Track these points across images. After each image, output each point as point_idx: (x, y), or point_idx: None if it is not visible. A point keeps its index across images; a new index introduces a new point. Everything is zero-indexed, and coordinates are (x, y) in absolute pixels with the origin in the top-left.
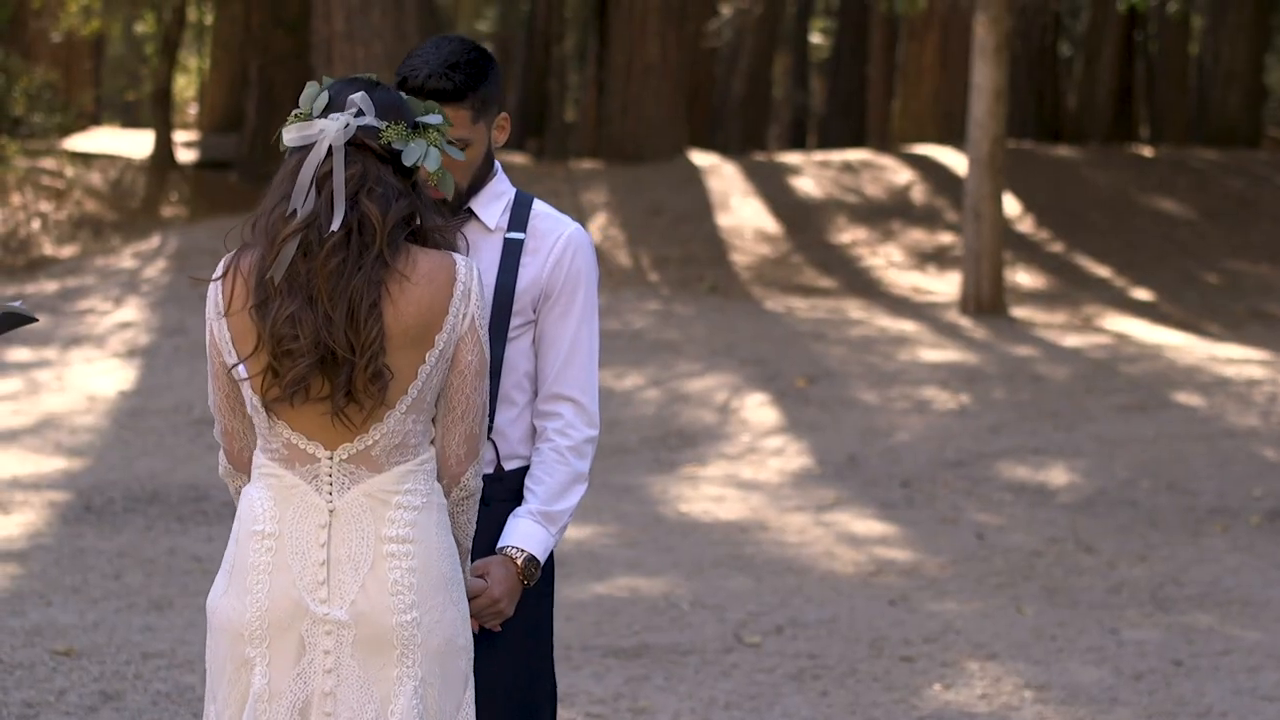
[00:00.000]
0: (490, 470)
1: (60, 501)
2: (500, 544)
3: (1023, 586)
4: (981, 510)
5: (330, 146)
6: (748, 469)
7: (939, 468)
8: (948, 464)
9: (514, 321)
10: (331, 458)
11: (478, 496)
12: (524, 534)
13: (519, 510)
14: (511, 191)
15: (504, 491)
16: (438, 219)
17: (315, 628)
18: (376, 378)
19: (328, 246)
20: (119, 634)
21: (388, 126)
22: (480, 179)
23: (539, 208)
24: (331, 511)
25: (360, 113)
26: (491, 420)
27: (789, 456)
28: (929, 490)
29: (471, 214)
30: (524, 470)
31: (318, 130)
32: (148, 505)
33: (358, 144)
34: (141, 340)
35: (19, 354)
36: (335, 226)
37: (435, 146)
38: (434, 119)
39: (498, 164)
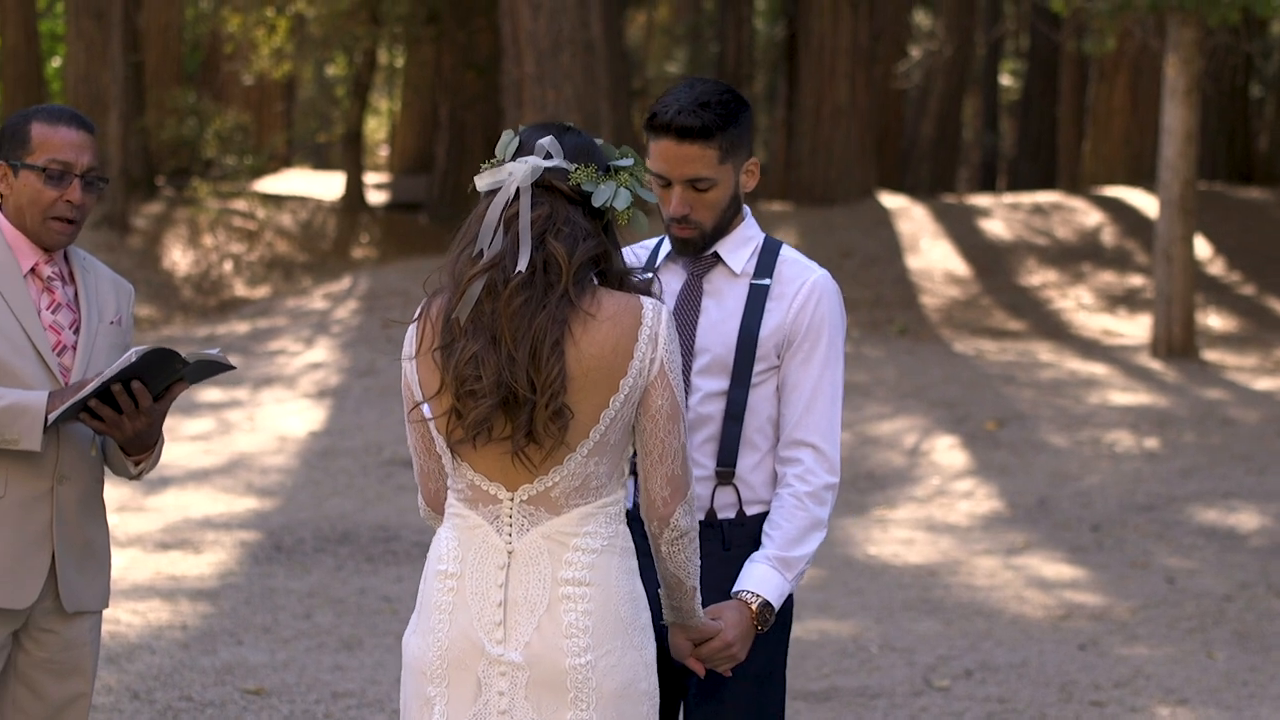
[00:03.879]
0: (732, 515)
1: (251, 541)
2: (735, 588)
3: (1213, 631)
4: (1172, 554)
5: (518, 188)
6: (937, 511)
7: (1129, 511)
8: (1138, 508)
9: (758, 367)
10: (512, 499)
11: (692, 535)
12: (760, 579)
13: (756, 555)
14: (760, 237)
15: (745, 536)
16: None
17: (491, 668)
18: (557, 417)
19: (512, 285)
20: (309, 673)
21: (577, 169)
22: (727, 222)
23: (787, 253)
24: (510, 553)
25: (549, 155)
26: (734, 465)
27: (978, 499)
28: (1119, 534)
29: (718, 258)
30: (766, 515)
31: (506, 173)
32: (338, 545)
33: (546, 186)
34: (332, 381)
35: (211, 394)
36: (521, 267)
37: (626, 188)
38: (625, 161)
39: (747, 209)
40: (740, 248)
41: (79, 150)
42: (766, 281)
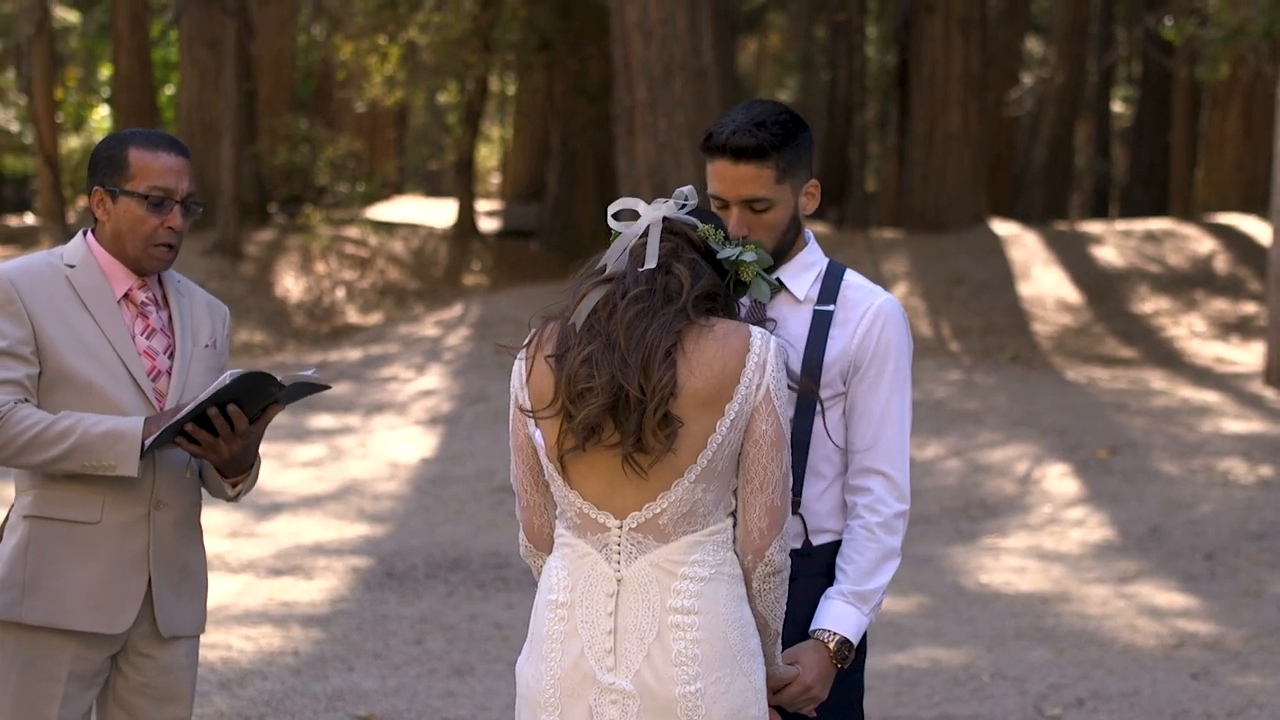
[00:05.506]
0: (798, 545)
1: (362, 567)
2: (812, 627)
3: None
4: None
5: (649, 226)
6: (1049, 540)
7: (1242, 540)
8: (1251, 536)
9: (822, 394)
10: (621, 527)
11: (785, 574)
12: (836, 616)
13: (830, 591)
14: (823, 262)
15: (812, 567)
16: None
17: (602, 697)
18: (665, 423)
19: (630, 295)
20: (419, 699)
21: (706, 227)
22: (787, 245)
23: (850, 278)
24: (619, 581)
25: (686, 200)
26: (799, 494)
27: (1090, 528)
28: (1232, 563)
29: (780, 284)
30: (832, 545)
31: (640, 215)
32: (449, 572)
33: (676, 231)
34: (444, 408)
35: (323, 420)
36: (650, 264)
37: (753, 252)
38: (752, 244)
39: (809, 233)
40: (803, 273)
41: (179, 176)
42: (830, 307)
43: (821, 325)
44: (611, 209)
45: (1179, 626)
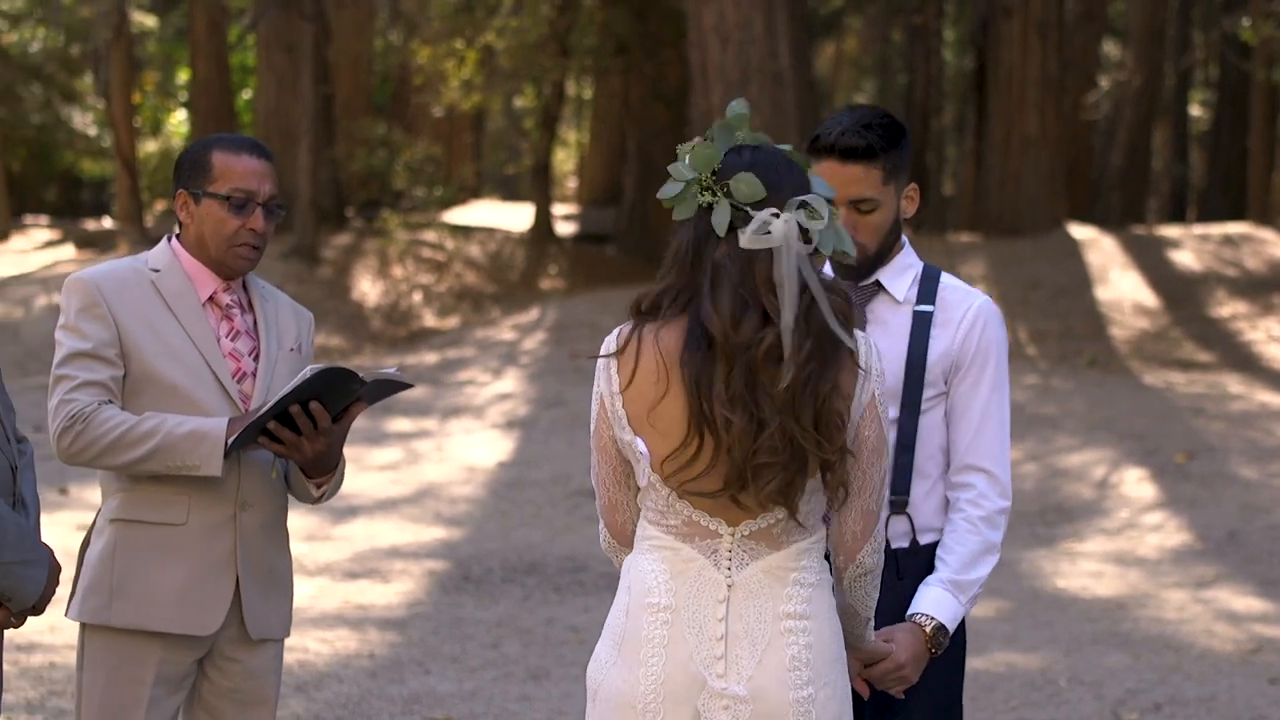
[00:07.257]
0: (905, 544)
1: (439, 571)
2: (910, 611)
3: None
4: None
5: (799, 265)
6: (1126, 544)
7: None
8: None
9: (926, 393)
10: (733, 534)
11: (877, 574)
12: (934, 601)
13: (929, 579)
14: (919, 265)
15: (918, 566)
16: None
17: (712, 702)
18: (841, 459)
19: (804, 353)
20: (496, 703)
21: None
22: (888, 248)
23: (947, 280)
24: (730, 586)
25: (814, 213)
26: (907, 493)
27: (1168, 532)
28: None
29: (880, 286)
30: (937, 545)
31: (779, 238)
32: (525, 576)
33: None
34: (520, 411)
35: (399, 424)
36: (843, 333)
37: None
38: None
39: (905, 237)
40: (901, 275)
41: (261, 179)
42: (930, 308)
43: (922, 326)
44: (747, 240)
45: (1256, 631)
